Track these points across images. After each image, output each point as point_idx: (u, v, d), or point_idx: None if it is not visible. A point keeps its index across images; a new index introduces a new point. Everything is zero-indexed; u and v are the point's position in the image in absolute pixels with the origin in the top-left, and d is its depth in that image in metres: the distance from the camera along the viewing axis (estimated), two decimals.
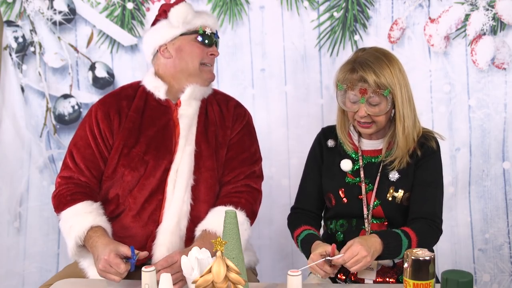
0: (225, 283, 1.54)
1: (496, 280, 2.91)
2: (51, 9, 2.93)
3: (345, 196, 2.17)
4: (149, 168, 2.19)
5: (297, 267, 1.96)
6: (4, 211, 3.03)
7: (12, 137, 3.02)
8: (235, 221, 1.81)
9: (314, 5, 2.86)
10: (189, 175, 2.20)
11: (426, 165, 2.13)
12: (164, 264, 2.00)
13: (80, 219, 2.13)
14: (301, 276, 1.80)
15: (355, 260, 1.91)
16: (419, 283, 1.72)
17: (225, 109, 2.33)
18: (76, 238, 2.11)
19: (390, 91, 2.05)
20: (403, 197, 2.13)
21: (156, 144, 2.22)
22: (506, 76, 2.81)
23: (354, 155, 2.20)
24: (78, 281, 2.13)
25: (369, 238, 1.98)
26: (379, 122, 2.11)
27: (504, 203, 2.88)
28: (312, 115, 2.90)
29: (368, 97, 2.06)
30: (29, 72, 3.00)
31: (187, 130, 2.24)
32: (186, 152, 2.21)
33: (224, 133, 2.29)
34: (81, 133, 2.27)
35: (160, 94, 2.27)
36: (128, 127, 2.24)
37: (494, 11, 2.77)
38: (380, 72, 2.04)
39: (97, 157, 2.23)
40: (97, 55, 2.97)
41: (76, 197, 2.19)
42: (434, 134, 2.19)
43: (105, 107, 2.27)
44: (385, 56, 2.09)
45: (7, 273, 3.05)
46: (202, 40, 2.28)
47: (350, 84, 2.07)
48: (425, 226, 2.07)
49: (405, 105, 2.08)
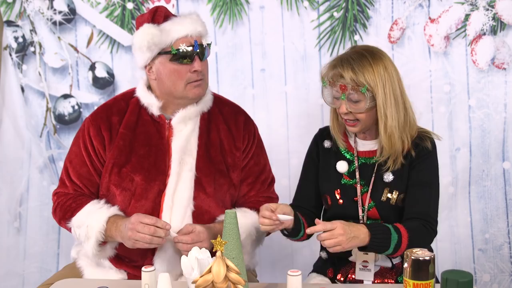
0: (225, 283, 1.54)
1: (496, 280, 2.91)
2: (51, 9, 2.93)
3: (340, 197, 2.16)
4: (139, 189, 2.13)
5: (297, 267, 1.96)
6: (4, 211, 3.03)
7: (12, 137, 3.02)
8: (235, 221, 1.81)
9: (314, 5, 2.86)
10: (188, 203, 2.13)
11: (420, 166, 2.12)
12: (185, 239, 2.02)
13: (95, 215, 2.11)
14: (301, 276, 1.81)
15: (329, 234, 1.91)
16: (419, 283, 1.72)
17: (234, 127, 2.23)
18: (97, 234, 2.08)
19: (367, 89, 2.02)
20: (398, 199, 2.12)
21: (148, 165, 2.14)
22: (506, 76, 2.81)
23: (350, 156, 2.18)
24: (78, 281, 2.13)
25: (354, 225, 1.98)
26: (363, 120, 2.09)
27: (504, 203, 2.88)
28: (312, 115, 2.90)
29: (348, 94, 2.05)
30: (29, 72, 3.00)
31: (180, 153, 2.14)
32: (184, 179, 2.13)
33: (234, 156, 2.21)
34: (76, 150, 2.22)
35: (153, 110, 2.17)
36: (118, 145, 2.16)
37: (494, 11, 2.77)
38: (358, 69, 2.02)
39: (93, 174, 2.19)
40: (97, 55, 2.97)
41: (80, 202, 2.18)
42: (431, 134, 2.17)
43: (96, 122, 2.19)
44: (371, 54, 2.07)
45: (7, 273, 3.04)
46: (177, 60, 2.09)
47: (332, 80, 2.07)
48: (418, 225, 2.06)
49: (388, 105, 2.05)
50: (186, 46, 2.08)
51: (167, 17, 2.14)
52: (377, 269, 2.11)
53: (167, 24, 2.11)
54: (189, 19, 2.14)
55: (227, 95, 2.47)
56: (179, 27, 2.10)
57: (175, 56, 2.08)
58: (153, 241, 1.99)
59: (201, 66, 2.11)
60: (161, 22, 2.12)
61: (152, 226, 1.98)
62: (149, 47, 2.08)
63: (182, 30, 2.10)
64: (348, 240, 1.92)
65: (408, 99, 2.14)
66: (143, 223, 1.98)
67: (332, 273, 2.19)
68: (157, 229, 1.98)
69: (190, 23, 2.12)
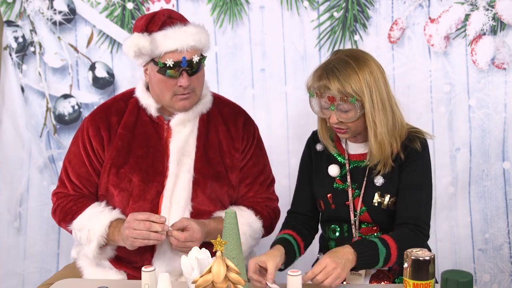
0: (225, 283, 1.54)
1: (496, 280, 2.91)
2: (51, 9, 2.93)
3: (333, 202, 2.14)
4: (136, 190, 2.13)
5: (297, 267, 1.96)
6: (4, 211, 3.03)
7: (12, 137, 3.02)
8: (235, 221, 1.81)
9: (314, 5, 2.86)
10: (186, 204, 2.13)
11: (409, 168, 2.08)
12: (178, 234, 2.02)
13: (97, 219, 2.11)
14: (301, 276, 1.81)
15: (324, 273, 1.85)
16: (419, 283, 1.73)
17: (233, 128, 2.22)
18: (99, 238, 2.09)
19: (356, 99, 1.99)
20: (390, 202, 2.09)
21: (145, 166, 2.14)
22: (506, 76, 2.81)
23: (341, 159, 2.16)
24: (78, 281, 2.13)
25: (339, 250, 1.94)
26: (353, 127, 2.06)
27: (504, 203, 2.88)
28: (312, 115, 2.89)
29: (338, 104, 2.01)
30: (29, 72, 2.99)
31: (179, 155, 2.14)
32: (182, 180, 2.13)
33: (233, 157, 2.21)
34: (75, 150, 2.23)
35: (151, 111, 2.17)
36: (116, 146, 2.16)
37: (494, 11, 2.77)
38: (344, 80, 1.98)
39: (92, 175, 2.19)
40: (97, 55, 2.97)
41: (81, 204, 2.18)
42: (422, 134, 2.13)
43: (95, 122, 2.20)
44: (355, 61, 2.02)
45: (7, 273, 3.04)
46: (163, 73, 2.07)
47: (319, 92, 2.03)
48: (407, 232, 2.02)
49: (377, 111, 2.02)
50: (173, 61, 2.05)
51: (164, 25, 2.09)
52: (374, 271, 2.10)
53: (159, 34, 2.08)
54: (183, 31, 2.09)
55: (227, 95, 2.47)
56: (168, 41, 2.06)
57: (161, 69, 2.07)
58: (151, 236, 1.99)
59: (188, 81, 2.08)
60: (155, 31, 2.09)
61: (147, 222, 1.98)
62: (136, 56, 2.08)
63: (171, 44, 2.06)
64: (343, 269, 1.88)
65: (394, 97, 2.10)
66: (138, 220, 1.98)
67: None
68: (152, 224, 1.98)
69: (183, 37, 2.07)
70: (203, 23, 2.26)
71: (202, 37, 2.13)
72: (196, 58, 2.08)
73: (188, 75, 2.08)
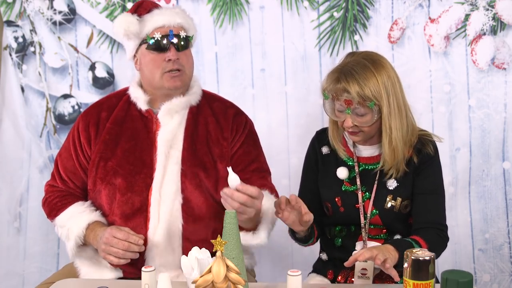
0: (225, 283, 1.54)
1: (496, 280, 2.91)
2: (51, 9, 2.93)
3: (341, 205, 2.13)
4: (123, 183, 2.13)
5: (297, 267, 1.96)
6: (4, 211, 3.03)
7: (12, 137, 3.02)
8: (235, 221, 1.80)
9: (314, 5, 2.86)
10: (176, 195, 2.11)
11: (425, 173, 2.07)
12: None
13: (76, 220, 2.14)
14: (301, 276, 1.81)
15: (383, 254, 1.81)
16: (419, 283, 1.72)
17: (222, 119, 2.21)
18: (76, 238, 2.13)
19: (375, 103, 1.97)
20: (401, 205, 2.09)
21: (133, 159, 2.14)
22: (506, 76, 2.81)
23: (350, 162, 2.14)
24: (78, 281, 2.13)
25: (382, 246, 1.91)
26: (367, 131, 2.04)
27: (504, 203, 2.88)
28: (312, 115, 2.90)
29: (354, 108, 1.99)
30: (29, 72, 3.00)
31: (166, 147, 2.14)
32: (171, 172, 2.12)
33: (222, 146, 2.18)
34: (66, 144, 2.28)
35: (140, 105, 2.19)
36: (104, 140, 2.18)
37: (494, 11, 2.77)
38: (364, 84, 1.95)
39: (78, 169, 2.22)
40: (97, 55, 2.97)
41: (66, 201, 2.22)
42: (432, 137, 2.13)
43: (86, 118, 2.24)
44: (373, 64, 2.00)
45: (7, 273, 3.04)
46: (152, 48, 2.13)
47: (335, 95, 2.00)
48: (434, 235, 2.04)
49: (393, 116, 2.00)
50: (160, 34, 2.12)
51: (151, 9, 2.18)
52: (377, 271, 2.09)
53: (148, 15, 2.16)
54: (170, 11, 2.19)
55: (227, 95, 2.47)
56: (156, 18, 2.14)
57: (150, 45, 2.12)
58: (126, 255, 2.00)
59: (176, 55, 2.12)
60: (143, 14, 2.16)
61: (126, 242, 1.99)
62: (126, 35, 2.13)
63: (159, 20, 2.14)
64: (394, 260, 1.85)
65: (407, 102, 2.09)
66: (117, 238, 2.00)
67: (332, 275, 2.17)
68: (131, 245, 2.00)
69: (170, 14, 2.16)
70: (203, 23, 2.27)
71: (188, 20, 2.21)
72: (183, 33, 2.15)
73: (176, 49, 2.13)
